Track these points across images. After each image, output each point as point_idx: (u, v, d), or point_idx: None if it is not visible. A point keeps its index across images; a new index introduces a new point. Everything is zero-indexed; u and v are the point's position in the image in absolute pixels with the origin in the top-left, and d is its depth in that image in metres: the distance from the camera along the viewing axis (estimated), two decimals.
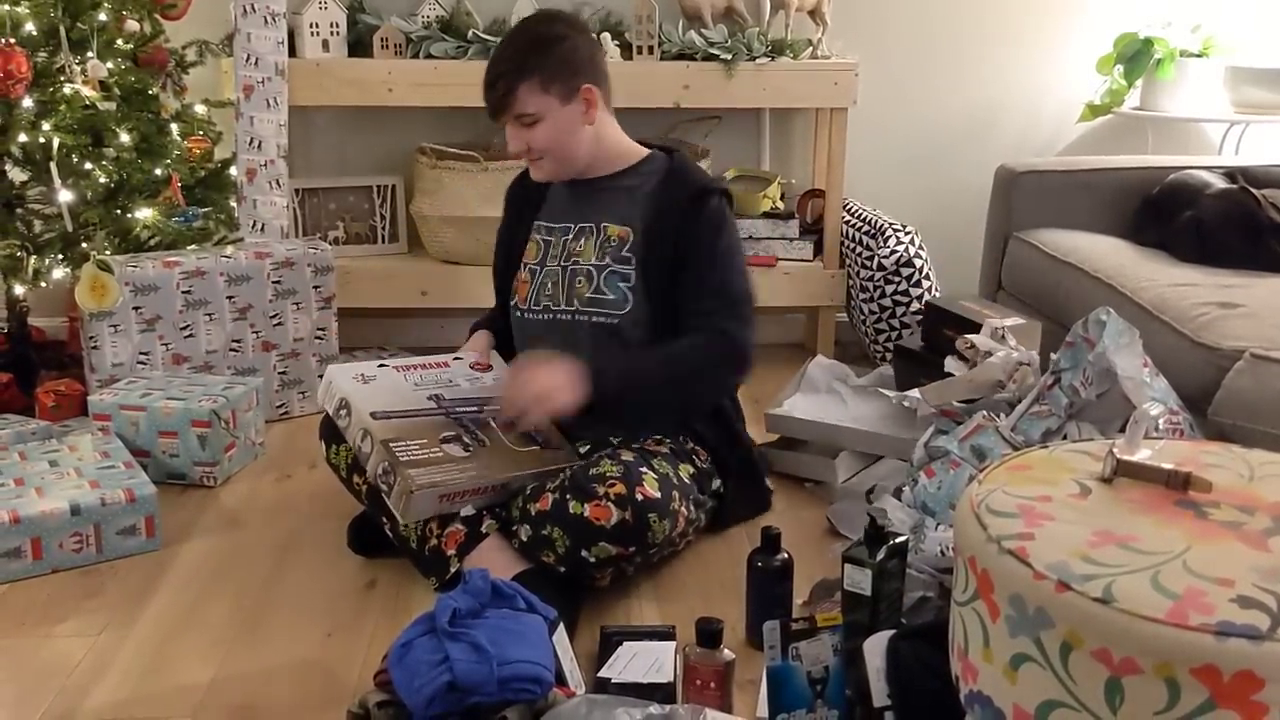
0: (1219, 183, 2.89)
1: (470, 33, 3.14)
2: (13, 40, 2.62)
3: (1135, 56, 3.31)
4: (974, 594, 1.29)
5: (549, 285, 2.22)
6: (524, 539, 1.96)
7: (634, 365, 2.13)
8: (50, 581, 2.11)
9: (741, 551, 2.00)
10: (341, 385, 1.98)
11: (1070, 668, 1.17)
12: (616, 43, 3.15)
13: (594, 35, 2.22)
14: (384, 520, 2.05)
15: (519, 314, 2.26)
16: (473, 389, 2.02)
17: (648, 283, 2.16)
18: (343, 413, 1.99)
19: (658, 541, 1.97)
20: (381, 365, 2.05)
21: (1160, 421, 1.97)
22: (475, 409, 1.97)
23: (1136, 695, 1.13)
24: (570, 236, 2.23)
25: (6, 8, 2.66)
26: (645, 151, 2.24)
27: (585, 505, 1.91)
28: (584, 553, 1.91)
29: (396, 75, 3.10)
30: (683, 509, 2.03)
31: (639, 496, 1.92)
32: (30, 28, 2.71)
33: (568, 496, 1.93)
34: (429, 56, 3.13)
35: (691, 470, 2.14)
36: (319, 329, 2.92)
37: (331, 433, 2.13)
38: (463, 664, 1.46)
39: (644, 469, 1.98)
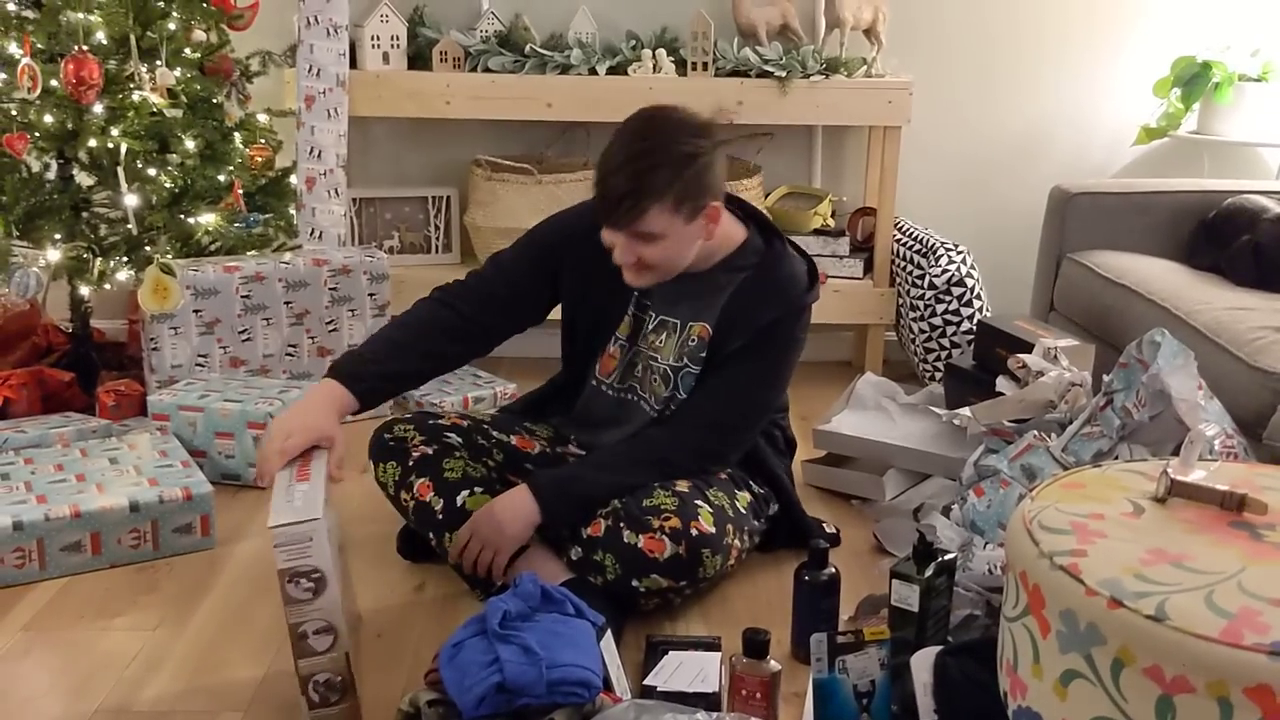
0: (1276, 207, 2.86)
1: (528, 47, 3.18)
2: (85, 48, 2.69)
3: (1193, 80, 3.29)
4: (1024, 609, 1.29)
5: (637, 368, 2.14)
6: (573, 558, 1.97)
7: (601, 478, 2.01)
8: (108, 576, 2.15)
9: (788, 566, 1.99)
10: (322, 550, 1.60)
11: (1121, 685, 1.17)
12: (672, 59, 3.18)
13: (718, 139, 1.97)
14: (430, 536, 2.06)
15: (597, 384, 2.19)
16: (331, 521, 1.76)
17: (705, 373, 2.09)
18: (305, 584, 1.60)
19: (709, 576, 1.96)
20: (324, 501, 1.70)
21: (1215, 444, 1.95)
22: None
23: (1188, 714, 1.13)
24: (652, 327, 2.13)
25: (80, 16, 2.73)
26: (743, 236, 2.09)
27: (639, 536, 1.91)
28: (634, 582, 1.92)
29: (454, 88, 3.14)
30: (736, 542, 2.01)
31: (694, 531, 1.91)
32: (101, 36, 2.78)
33: (621, 525, 1.92)
34: (486, 70, 3.17)
35: (749, 498, 2.12)
36: None
37: (380, 452, 2.10)
38: (513, 665, 1.48)
39: (699, 501, 1.96)
